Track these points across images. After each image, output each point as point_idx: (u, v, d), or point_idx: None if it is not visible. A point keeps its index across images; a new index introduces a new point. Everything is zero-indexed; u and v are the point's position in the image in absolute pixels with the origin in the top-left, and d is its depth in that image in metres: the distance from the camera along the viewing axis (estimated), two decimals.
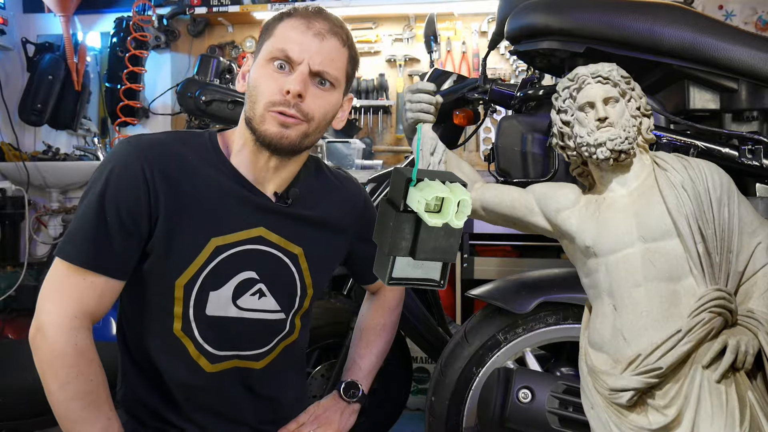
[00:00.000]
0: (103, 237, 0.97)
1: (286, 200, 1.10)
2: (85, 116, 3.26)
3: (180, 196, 1.01)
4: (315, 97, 1.02)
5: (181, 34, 3.28)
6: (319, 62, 1.01)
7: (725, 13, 2.91)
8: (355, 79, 3.11)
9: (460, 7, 3.05)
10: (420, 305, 1.93)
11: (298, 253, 1.11)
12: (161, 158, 1.01)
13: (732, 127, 1.21)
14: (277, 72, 1.01)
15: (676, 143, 1.13)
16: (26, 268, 3.03)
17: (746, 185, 1.19)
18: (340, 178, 1.22)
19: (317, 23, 1.02)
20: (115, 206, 0.97)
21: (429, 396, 1.37)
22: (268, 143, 1.02)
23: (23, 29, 3.32)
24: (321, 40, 1.02)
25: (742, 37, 1.17)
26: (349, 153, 2.86)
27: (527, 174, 1.19)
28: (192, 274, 1.02)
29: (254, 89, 1.02)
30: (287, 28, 1.02)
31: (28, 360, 0.97)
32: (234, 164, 1.07)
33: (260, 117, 1.01)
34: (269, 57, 1.02)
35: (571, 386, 1.16)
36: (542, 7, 1.23)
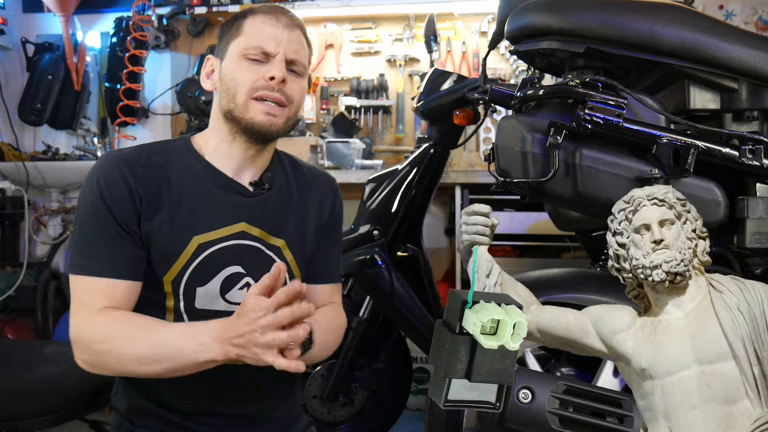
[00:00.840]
0: (107, 243, 1.03)
1: (262, 186, 1.14)
2: (85, 116, 3.25)
3: (160, 200, 1.06)
4: (292, 83, 1.09)
5: (181, 34, 3.28)
6: (292, 51, 1.09)
7: (725, 13, 2.91)
8: (355, 79, 3.14)
9: (460, 7, 3.05)
10: (420, 305, 1.93)
11: (281, 245, 1.14)
12: (139, 167, 1.07)
13: (732, 127, 1.21)
14: (254, 63, 1.07)
15: (676, 143, 1.13)
16: (26, 268, 3.02)
17: (746, 185, 1.19)
18: (313, 171, 1.26)
19: (283, 17, 1.11)
20: (108, 213, 1.03)
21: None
22: (258, 131, 1.08)
23: (23, 29, 3.32)
24: (291, 31, 1.10)
25: (742, 37, 1.17)
26: (349, 153, 2.86)
27: (527, 174, 1.19)
28: (178, 271, 1.06)
29: (231, 81, 1.08)
30: (257, 23, 1.09)
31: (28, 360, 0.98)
32: (210, 161, 1.12)
33: (243, 106, 1.07)
34: (243, 54, 1.08)
35: (571, 386, 1.16)
36: (542, 7, 1.23)
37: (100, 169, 1.06)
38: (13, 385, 1.41)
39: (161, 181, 1.07)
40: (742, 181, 1.20)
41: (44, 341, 2.71)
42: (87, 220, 1.04)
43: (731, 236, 1.21)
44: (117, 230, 1.03)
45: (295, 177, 1.22)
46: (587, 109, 1.13)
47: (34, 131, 3.32)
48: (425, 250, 2.04)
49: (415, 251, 2.00)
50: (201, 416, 1.11)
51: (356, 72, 3.19)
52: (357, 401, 2.03)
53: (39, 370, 1.46)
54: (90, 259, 1.03)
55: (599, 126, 1.13)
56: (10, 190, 3.12)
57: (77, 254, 1.04)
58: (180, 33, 3.27)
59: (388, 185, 1.96)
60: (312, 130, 3.18)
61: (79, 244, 1.05)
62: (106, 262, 1.02)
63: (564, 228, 1.87)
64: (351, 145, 2.89)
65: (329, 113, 3.19)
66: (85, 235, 1.04)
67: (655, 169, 1.12)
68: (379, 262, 1.87)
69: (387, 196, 1.95)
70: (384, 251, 1.90)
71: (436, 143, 1.96)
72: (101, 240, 1.03)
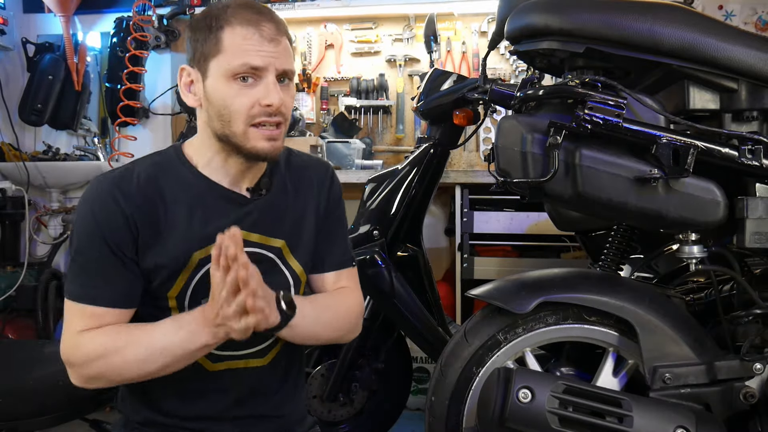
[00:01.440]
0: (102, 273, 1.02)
1: (259, 192, 1.12)
2: (85, 116, 3.25)
3: (155, 220, 1.05)
4: (285, 97, 1.04)
5: (182, 35, 3.28)
6: (281, 64, 1.03)
7: (725, 13, 2.91)
8: (355, 79, 3.14)
9: (460, 7, 3.05)
10: (420, 305, 1.93)
11: (281, 246, 1.13)
12: (132, 188, 1.04)
13: (732, 127, 1.21)
14: (244, 86, 1.01)
15: (675, 143, 1.13)
16: (26, 268, 3.02)
17: (746, 185, 1.19)
18: (306, 161, 1.24)
19: (265, 26, 1.02)
20: (103, 241, 1.02)
21: (429, 396, 1.37)
22: (263, 158, 1.06)
23: (23, 29, 3.32)
24: (277, 45, 1.02)
25: (742, 37, 1.17)
26: (349, 153, 2.86)
27: (527, 174, 1.19)
28: (181, 287, 1.06)
29: (224, 108, 1.02)
30: (238, 38, 1.00)
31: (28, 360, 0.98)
32: (204, 174, 1.09)
33: (242, 134, 1.03)
34: (230, 75, 1.01)
35: (571, 386, 1.16)
36: (542, 7, 1.23)
37: (94, 196, 1.04)
38: (13, 385, 1.41)
39: (156, 201, 1.05)
40: (742, 181, 1.20)
41: (44, 341, 2.71)
42: (82, 248, 1.03)
43: (731, 236, 1.21)
44: (112, 259, 1.02)
45: (290, 172, 1.19)
46: (587, 109, 1.13)
47: (35, 131, 3.32)
48: (425, 250, 2.04)
49: (415, 251, 2.00)
50: (206, 421, 1.11)
51: (356, 72, 3.19)
52: (357, 401, 2.03)
53: (39, 370, 1.46)
54: (84, 288, 1.02)
55: (599, 126, 1.13)
56: (11, 190, 3.12)
57: (73, 281, 1.04)
58: (180, 33, 3.26)
59: (388, 185, 1.96)
60: (312, 130, 3.18)
61: (74, 271, 1.04)
62: (100, 291, 1.02)
63: (564, 228, 1.87)
64: (351, 145, 2.89)
65: (329, 113, 3.20)
66: (80, 263, 1.04)
67: (655, 169, 1.12)
68: (379, 262, 1.87)
69: (387, 196, 1.95)
70: (384, 251, 1.90)
71: (436, 143, 1.96)
72: (96, 269, 1.02)
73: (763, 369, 1.20)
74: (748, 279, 1.30)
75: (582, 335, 1.29)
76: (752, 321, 1.24)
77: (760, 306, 1.22)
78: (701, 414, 1.17)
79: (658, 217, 1.15)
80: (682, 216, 1.15)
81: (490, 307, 1.34)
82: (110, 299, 1.03)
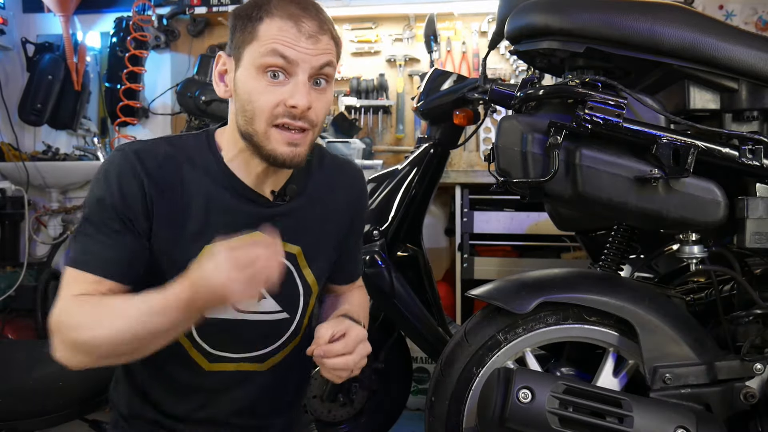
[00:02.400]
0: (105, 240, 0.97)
1: (283, 198, 1.08)
2: (85, 116, 3.25)
3: (173, 208, 1.00)
4: (317, 101, 0.98)
5: (181, 34, 3.28)
6: (317, 66, 0.96)
7: (725, 13, 2.91)
8: (355, 79, 3.14)
9: (460, 7, 3.05)
10: (420, 305, 1.93)
11: (297, 252, 1.10)
12: (154, 163, 1.00)
13: (732, 127, 1.21)
14: (272, 83, 0.95)
15: (676, 143, 1.12)
16: (26, 268, 3.03)
17: (746, 185, 1.19)
18: (337, 167, 1.19)
19: (306, 23, 0.95)
20: (113, 209, 0.97)
21: (429, 396, 1.37)
22: (281, 163, 0.99)
23: (23, 29, 3.32)
24: (315, 43, 0.95)
25: (742, 37, 1.16)
26: (349, 153, 2.86)
27: (527, 174, 1.19)
28: None
29: (248, 103, 0.97)
30: (274, 30, 0.94)
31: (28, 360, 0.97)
32: (230, 167, 1.05)
33: (263, 134, 0.97)
34: (261, 66, 0.95)
35: (571, 386, 1.16)
36: (542, 7, 1.23)
37: (113, 162, 0.99)
38: (13, 385, 1.41)
39: (175, 183, 1.00)
40: (742, 181, 1.20)
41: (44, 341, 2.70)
42: (90, 213, 0.98)
43: (731, 236, 1.21)
44: (116, 227, 0.96)
45: (320, 177, 1.14)
46: (587, 109, 1.13)
47: (34, 131, 3.32)
48: (425, 250, 2.04)
49: (415, 251, 2.00)
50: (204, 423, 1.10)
51: (356, 72, 3.19)
52: (357, 401, 2.03)
53: (39, 370, 1.45)
54: (84, 254, 0.96)
55: (599, 126, 1.13)
56: (10, 190, 3.12)
57: (75, 247, 0.98)
58: (180, 33, 3.27)
59: (388, 185, 1.96)
60: None
61: (78, 237, 0.98)
62: (98, 259, 0.96)
63: (564, 228, 1.87)
64: (351, 145, 2.89)
65: (329, 113, 3.20)
66: (86, 228, 0.98)
67: (655, 169, 1.12)
68: (379, 262, 1.87)
69: (387, 196, 1.95)
70: (384, 251, 1.90)
71: (436, 143, 1.96)
72: (100, 236, 0.96)
73: (764, 369, 1.20)
74: (748, 279, 1.30)
75: (582, 335, 1.28)
76: (752, 321, 1.24)
77: (760, 306, 1.22)
78: (701, 414, 1.17)
79: (658, 217, 1.15)
80: (682, 216, 1.14)
81: (490, 307, 1.34)
82: (106, 269, 0.96)
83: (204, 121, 2.74)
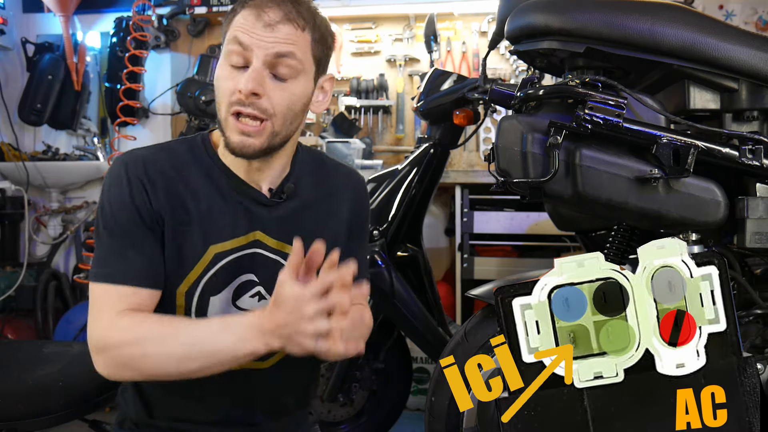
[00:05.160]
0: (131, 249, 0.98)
1: (280, 195, 1.08)
2: (85, 116, 3.25)
3: (177, 207, 1.02)
4: (275, 91, 0.97)
5: (181, 34, 3.28)
6: (271, 55, 0.96)
7: (725, 13, 2.91)
8: (355, 79, 3.14)
9: (460, 7, 3.05)
10: (420, 305, 1.93)
11: None
12: (155, 171, 1.01)
13: (732, 127, 1.21)
14: (234, 70, 0.97)
15: (676, 143, 1.12)
16: (26, 268, 3.03)
17: (746, 185, 1.19)
18: (338, 171, 1.20)
19: (269, 12, 0.96)
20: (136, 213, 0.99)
21: (429, 396, 1.37)
22: (233, 151, 1.00)
23: (23, 29, 3.32)
24: (272, 31, 0.95)
25: (742, 37, 1.17)
26: (349, 153, 2.86)
27: (527, 174, 1.19)
28: (192, 282, 1.03)
29: (217, 90, 1.00)
30: (240, 19, 0.97)
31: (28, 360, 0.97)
32: (227, 164, 1.06)
33: (225, 122, 0.99)
34: (225, 53, 0.99)
35: None
36: (542, 7, 1.23)
37: (117, 173, 1.01)
38: (13, 385, 1.41)
39: (177, 189, 1.02)
40: (742, 181, 1.20)
41: (44, 341, 2.71)
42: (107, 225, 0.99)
43: (731, 236, 1.21)
44: (141, 234, 0.99)
45: (319, 181, 1.15)
46: (587, 109, 1.13)
47: (34, 131, 3.32)
48: (425, 250, 2.04)
49: (415, 251, 2.00)
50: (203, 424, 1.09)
51: (356, 72, 3.19)
52: (357, 401, 2.03)
53: (39, 370, 1.45)
54: (112, 266, 0.98)
55: (599, 126, 1.13)
56: (10, 190, 3.12)
57: (99, 263, 0.99)
58: (180, 33, 3.27)
59: (388, 185, 1.97)
60: (312, 130, 3.18)
61: (101, 251, 1.00)
62: (129, 269, 0.97)
63: (564, 228, 1.87)
64: (351, 145, 2.89)
65: (329, 113, 3.19)
66: (106, 241, 0.99)
67: (655, 169, 1.12)
68: (379, 262, 1.87)
69: (387, 196, 1.95)
70: (384, 251, 1.90)
71: (436, 143, 1.96)
72: (124, 247, 0.98)
73: (764, 369, 1.20)
74: (748, 279, 1.30)
75: None
76: (752, 321, 1.24)
77: (760, 306, 1.22)
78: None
79: (658, 217, 1.15)
80: (682, 216, 1.14)
81: (490, 307, 1.34)
82: (138, 278, 0.97)
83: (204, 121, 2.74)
